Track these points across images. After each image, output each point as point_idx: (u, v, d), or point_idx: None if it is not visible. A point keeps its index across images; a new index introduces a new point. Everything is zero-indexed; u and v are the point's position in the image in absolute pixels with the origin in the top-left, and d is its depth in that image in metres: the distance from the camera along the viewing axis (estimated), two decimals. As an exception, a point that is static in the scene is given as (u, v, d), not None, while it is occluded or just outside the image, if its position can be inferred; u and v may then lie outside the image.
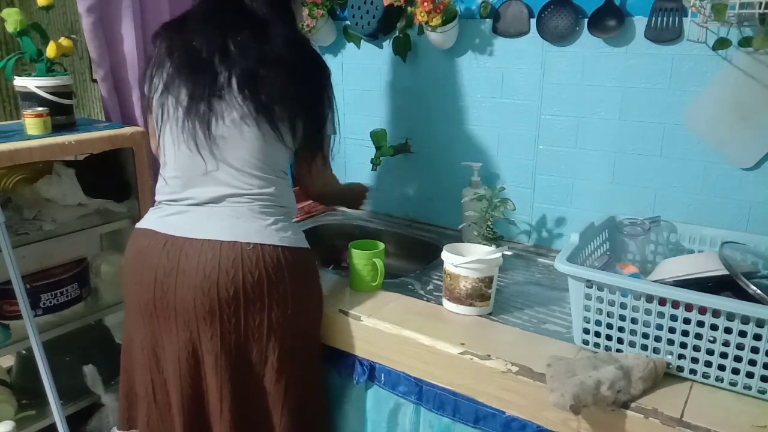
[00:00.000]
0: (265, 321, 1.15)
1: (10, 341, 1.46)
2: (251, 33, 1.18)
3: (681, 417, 0.94)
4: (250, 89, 1.15)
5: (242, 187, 1.18)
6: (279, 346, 1.16)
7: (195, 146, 1.17)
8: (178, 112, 1.18)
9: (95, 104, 3.51)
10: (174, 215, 1.20)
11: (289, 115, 1.19)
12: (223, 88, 1.16)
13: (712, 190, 1.40)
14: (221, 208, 1.18)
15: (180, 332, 1.16)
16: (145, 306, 1.19)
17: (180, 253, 1.15)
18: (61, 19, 3.39)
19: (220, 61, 1.17)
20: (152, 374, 1.22)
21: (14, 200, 1.56)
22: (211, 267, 1.12)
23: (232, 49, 1.17)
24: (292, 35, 1.22)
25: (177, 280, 1.14)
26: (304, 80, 1.20)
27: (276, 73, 1.16)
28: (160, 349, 1.20)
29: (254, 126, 1.16)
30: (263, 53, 1.17)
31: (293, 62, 1.19)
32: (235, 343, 1.15)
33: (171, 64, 1.20)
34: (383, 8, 1.67)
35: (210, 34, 1.18)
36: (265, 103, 1.16)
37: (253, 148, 1.17)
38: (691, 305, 0.98)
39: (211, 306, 1.12)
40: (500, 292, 1.34)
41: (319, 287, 1.27)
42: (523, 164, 1.64)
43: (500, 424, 1.11)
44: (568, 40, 1.49)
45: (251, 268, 1.13)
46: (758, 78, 1.28)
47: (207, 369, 1.17)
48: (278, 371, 1.17)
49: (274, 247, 1.15)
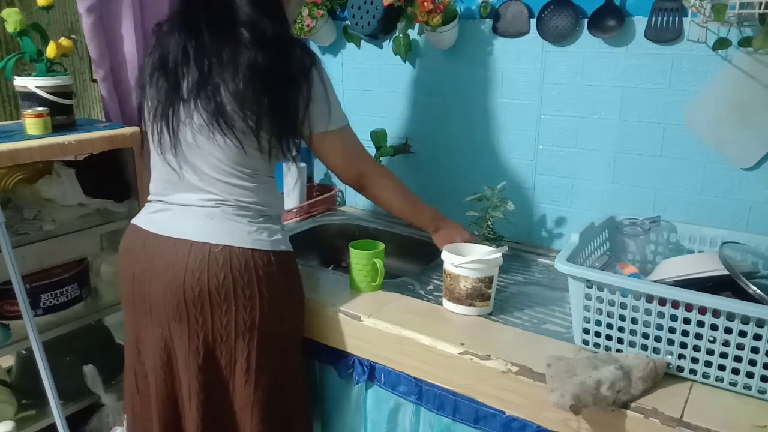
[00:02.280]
0: (233, 323, 1.15)
1: (10, 341, 1.46)
2: (215, 34, 1.13)
3: (681, 417, 0.94)
4: (204, 96, 1.12)
5: (214, 192, 1.17)
6: (248, 348, 1.16)
7: (162, 151, 1.19)
8: (150, 116, 1.19)
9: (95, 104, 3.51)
10: (157, 213, 1.22)
11: (250, 119, 1.12)
12: (186, 93, 1.14)
13: (712, 190, 1.40)
14: (196, 209, 1.18)
15: (155, 328, 1.19)
16: (126, 300, 1.24)
17: (156, 251, 1.17)
18: (61, 19, 3.39)
19: (184, 65, 1.14)
20: (135, 365, 1.26)
21: (14, 200, 1.56)
22: (179, 266, 1.13)
23: (191, 52, 1.13)
24: (269, 33, 1.13)
25: (152, 276, 1.17)
26: (268, 81, 1.12)
27: (233, 75, 1.10)
28: (141, 342, 1.24)
29: (214, 133, 1.13)
30: (220, 56, 1.11)
31: (257, 63, 1.10)
32: (203, 343, 1.16)
33: (148, 68, 1.20)
34: (383, 8, 1.67)
35: (178, 36, 1.15)
36: (219, 110, 1.11)
37: (220, 155, 1.15)
38: (691, 305, 0.98)
39: (179, 305, 1.14)
40: (500, 292, 1.34)
41: (296, 291, 1.25)
42: (523, 164, 1.64)
43: (500, 424, 1.11)
44: (568, 40, 1.49)
45: (217, 270, 1.13)
46: (758, 78, 1.28)
47: (179, 365, 1.19)
48: (247, 372, 1.17)
49: (244, 249, 1.15)
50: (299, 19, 1.79)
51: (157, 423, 1.23)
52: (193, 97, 1.13)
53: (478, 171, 1.72)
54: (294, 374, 1.27)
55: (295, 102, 1.15)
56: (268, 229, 1.20)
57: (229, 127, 1.12)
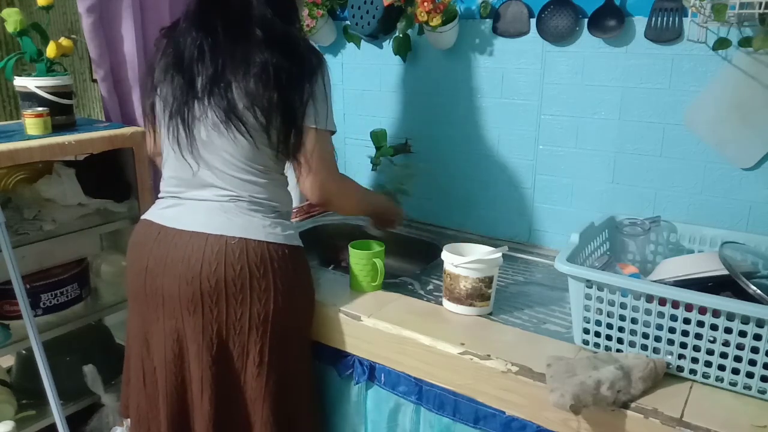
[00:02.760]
0: (247, 315, 1.16)
1: (10, 341, 1.46)
2: (229, 33, 1.16)
3: (681, 417, 0.94)
4: (216, 93, 1.15)
5: (228, 188, 1.19)
6: (261, 341, 1.17)
7: (179, 148, 1.20)
8: (165, 114, 1.21)
9: (95, 104, 3.51)
10: (170, 208, 1.24)
11: (260, 116, 1.15)
12: (200, 91, 1.17)
13: (712, 190, 1.40)
14: (211, 203, 1.20)
15: (166, 320, 1.19)
16: (136, 293, 1.24)
17: (170, 244, 1.18)
18: (61, 19, 3.39)
19: (199, 63, 1.17)
20: (143, 361, 1.26)
21: (14, 200, 1.56)
22: (196, 258, 1.15)
23: (206, 51, 1.16)
24: (281, 33, 1.16)
25: (165, 269, 1.17)
26: (278, 79, 1.14)
27: (244, 73, 1.14)
28: (150, 336, 1.24)
29: (227, 130, 1.16)
30: (233, 54, 1.15)
31: (268, 62, 1.13)
32: (216, 335, 1.16)
33: (161, 66, 1.22)
34: (383, 8, 1.67)
35: (193, 34, 1.17)
36: (231, 107, 1.15)
37: (233, 151, 1.18)
38: (691, 305, 0.98)
39: (194, 296, 1.15)
40: (500, 292, 1.34)
41: (308, 285, 1.27)
42: (523, 164, 1.64)
43: (500, 424, 1.11)
44: (568, 40, 1.49)
45: (234, 261, 1.14)
46: (758, 78, 1.28)
47: (191, 358, 1.19)
48: (259, 365, 1.18)
49: (259, 242, 1.17)
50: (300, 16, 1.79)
51: (164, 420, 1.22)
52: (207, 94, 1.16)
53: (478, 171, 1.72)
54: (303, 369, 1.28)
55: (301, 99, 1.17)
56: (281, 224, 1.22)
57: (242, 124, 1.15)
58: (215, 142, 1.18)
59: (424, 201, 1.86)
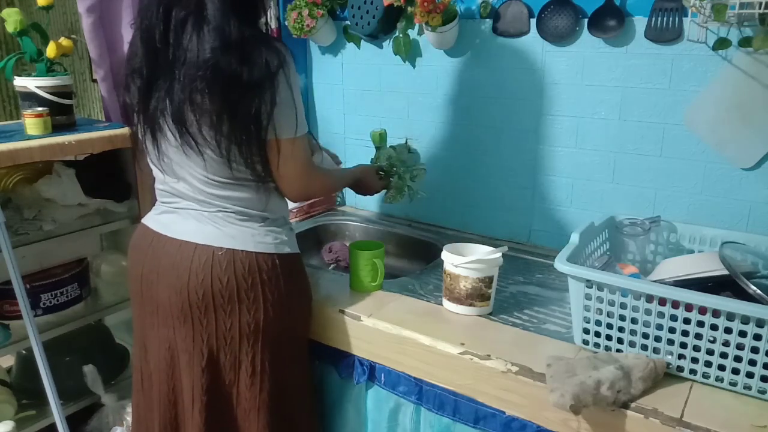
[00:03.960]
0: (237, 326, 1.15)
1: (10, 341, 1.46)
2: (180, 38, 1.06)
3: (681, 417, 0.94)
4: (169, 112, 1.08)
5: (211, 202, 1.15)
6: (253, 350, 1.16)
7: (155, 163, 1.19)
8: (139, 128, 1.17)
9: (95, 104, 3.51)
10: (164, 214, 1.23)
11: (214, 132, 1.07)
12: (158, 108, 1.10)
13: (712, 190, 1.40)
14: (201, 213, 1.17)
15: (161, 328, 1.20)
16: (135, 298, 1.25)
17: (161, 251, 1.17)
18: (61, 19, 3.39)
19: (152, 72, 1.09)
20: (141, 364, 1.27)
21: (14, 200, 1.56)
22: (183, 268, 1.14)
23: (159, 57, 1.08)
24: (235, 36, 1.04)
25: (158, 277, 1.17)
26: (228, 91, 1.04)
27: (188, 81, 1.04)
28: (147, 341, 1.25)
29: (185, 151, 1.10)
30: (185, 62, 1.05)
31: (217, 73, 1.02)
32: (207, 346, 1.15)
33: (129, 74, 1.15)
34: (383, 8, 1.67)
35: (150, 40, 1.08)
36: (185, 127, 1.07)
37: (202, 170, 1.12)
38: (691, 305, 0.98)
39: (183, 307, 1.14)
40: (500, 292, 1.34)
41: (303, 292, 1.26)
42: (523, 164, 1.64)
43: (500, 424, 1.11)
44: (568, 40, 1.49)
45: (220, 273, 1.12)
46: (758, 78, 1.28)
47: (182, 368, 1.18)
48: (252, 375, 1.17)
49: (248, 252, 1.14)
50: (299, 19, 1.79)
51: (157, 426, 1.23)
52: (161, 113, 1.09)
53: (478, 171, 1.72)
54: (300, 377, 1.27)
55: (257, 109, 1.06)
56: (272, 232, 1.19)
57: (197, 143, 1.08)
58: (182, 163, 1.14)
59: (424, 201, 1.85)
